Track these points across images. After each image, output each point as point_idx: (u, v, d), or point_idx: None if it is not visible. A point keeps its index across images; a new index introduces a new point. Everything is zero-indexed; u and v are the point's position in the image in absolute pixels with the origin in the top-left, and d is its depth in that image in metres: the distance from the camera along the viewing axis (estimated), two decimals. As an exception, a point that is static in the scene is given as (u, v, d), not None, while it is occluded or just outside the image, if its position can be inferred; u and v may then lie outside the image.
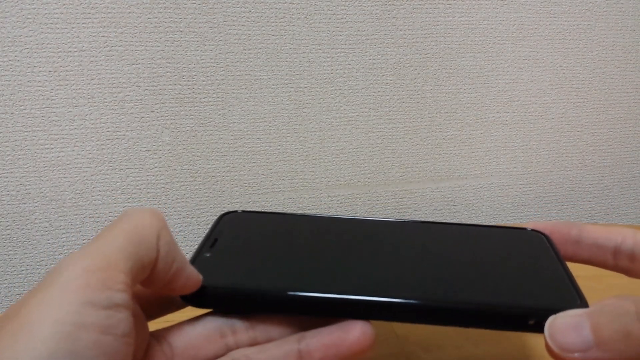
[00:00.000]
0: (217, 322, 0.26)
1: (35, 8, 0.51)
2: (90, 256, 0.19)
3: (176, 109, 0.56)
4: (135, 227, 0.21)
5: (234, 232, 0.33)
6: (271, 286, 0.26)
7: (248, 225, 0.34)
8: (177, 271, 0.23)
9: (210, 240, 0.31)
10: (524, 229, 0.31)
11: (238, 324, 0.26)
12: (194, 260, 0.29)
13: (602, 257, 0.27)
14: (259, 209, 0.35)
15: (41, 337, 0.15)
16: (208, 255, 0.30)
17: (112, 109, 0.55)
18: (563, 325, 0.21)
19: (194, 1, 0.54)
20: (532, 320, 0.23)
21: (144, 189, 0.58)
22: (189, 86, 0.56)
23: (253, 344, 0.25)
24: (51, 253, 0.58)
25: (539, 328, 0.23)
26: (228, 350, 0.25)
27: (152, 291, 0.24)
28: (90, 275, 0.17)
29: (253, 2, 0.55)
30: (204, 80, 0.56)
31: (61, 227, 0.57)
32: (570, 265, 0.30)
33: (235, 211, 0.35)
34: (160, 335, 0.25)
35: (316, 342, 0.23)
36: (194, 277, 0.25)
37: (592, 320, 0.20)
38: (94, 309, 0.17)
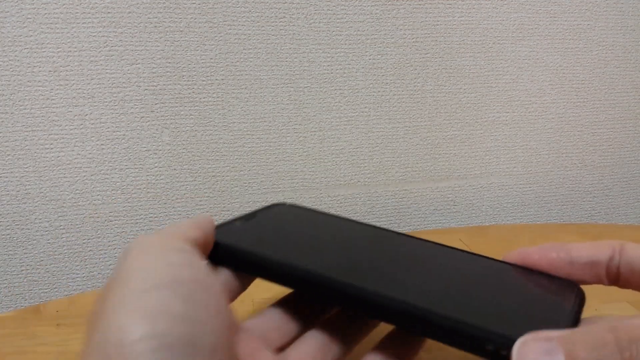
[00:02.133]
0: None
1: (35, 8, 0.51)
2: (157, 233, 0.22)
3: (176, 108, 0.56)
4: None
5: (271, 216, 0.35)
6: (271, 254, 0.28)
7: (288, 215, 0.36)
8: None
9: (247, 217, 0.34)
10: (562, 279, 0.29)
11: None
12: (222, 225, 0.32)
13: (596, 275, 0.27)
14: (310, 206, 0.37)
15: (144, 277, 0.19)
16: (237, 224, 0.32)
17: (112, 108, 0.55)
18: (533, 350, 0.18)
19: (193, 1, 0.54)
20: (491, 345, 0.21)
21: (144, 189, 0.58)
22: (189, 86, 0.56)
23: None
24: (51, 253, 0.58)
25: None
26: None
27: None
28: (163, 236, 0.21)
29: (253, 2, 0.55)
30: (203, 80, 0.56)
31: (61, 227, 0.57)
32: None
33: (284, 203, 0.37)
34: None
35: None
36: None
37: (566, 347, 0.18)
38: (175, 253, 0.20)
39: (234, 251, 0.28)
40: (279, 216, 0.35)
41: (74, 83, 0.54)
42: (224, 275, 0.27)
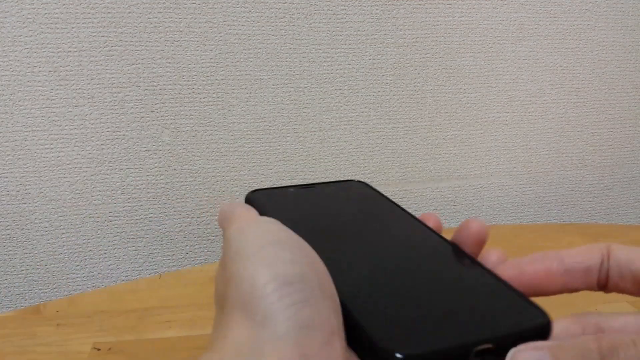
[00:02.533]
0: None
1: (35, 8, 0.51)
2: (244, 213, 0.28)
3: (176, 109, 0.56)
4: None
5: (327, 193, 0.35)
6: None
7: (356, 192, 0.36)
8: None
9: (314, 186, 0.35)
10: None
11: None
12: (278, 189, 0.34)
13: (589, 281, 0.27)
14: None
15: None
16: (292, 190, 0.34)
17: (112, 108, 0.55)
18: (524, 359, 0.20)
19: (193, 1, 0.54)
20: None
21: (144, 189, 0.58)
22: (189, 86, 0.56)
23: None
24: (51, 253, 0.58)
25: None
26: None
27: None
28: (250, 214, 0.28)
29: (253, 2, 0.55)
30: (203, 80, 0.56)
31: (61, 227, 0.57)
32: None
33: (360, 182, 0.38)
34: None
35: None
36: None
37: (554, 355, 0.20)
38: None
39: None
40: (336, 193, 0.35)
41: (74, 83, 0.54)
42: None
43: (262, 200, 0.31)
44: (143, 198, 0.58)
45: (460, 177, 0.67)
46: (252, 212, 0.28)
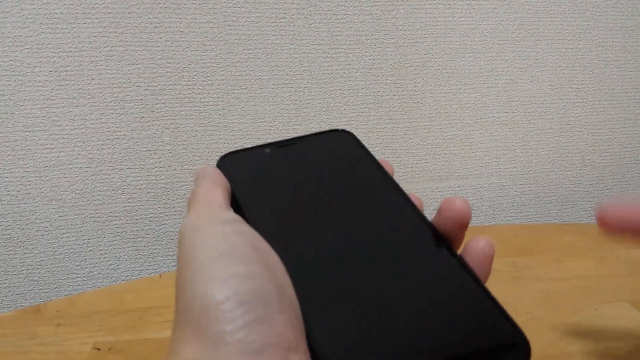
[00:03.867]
0: None
1: (35, 8, 0.51)
2: (202, 210, 0.26)
3: (176, 109, 0.56)
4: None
5: (305, 149, 0.32)
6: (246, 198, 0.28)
7: (327, 148, 0.32)
8: None
9: (281, 144, 0.33)
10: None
11: None
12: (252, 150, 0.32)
13: None
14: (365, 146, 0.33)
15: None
16: (267, 151, 0.32)
17: (113, 109, 0.55)
18: None
19: (194, 1, 0.54)
20: None
21: (144, 189, 0.58)
22: (189, 86, 0.56)
23: None
24: (51, 253, 0.58)
25: None
26: None
27: None
28: (208, 213, 0.25)
29: (253, 2, 0.55)
30: (204, 81, 0.56)
31: (61, 227, 0.57)
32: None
33: (346, 132, 0.34)
34: None
35: None
36: None
37: None
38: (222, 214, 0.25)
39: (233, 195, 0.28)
40: (313, 150, 0.32)
41: (75, 83, 0.54)
42: None
43: (234, 167, 0.30)
44: (143, 198, 0.58)
45: (460, 177, 0.67)
46: (216, 193, 0.27)
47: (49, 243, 0.58)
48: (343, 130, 0.33)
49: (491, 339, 0.21)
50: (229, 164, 0.30)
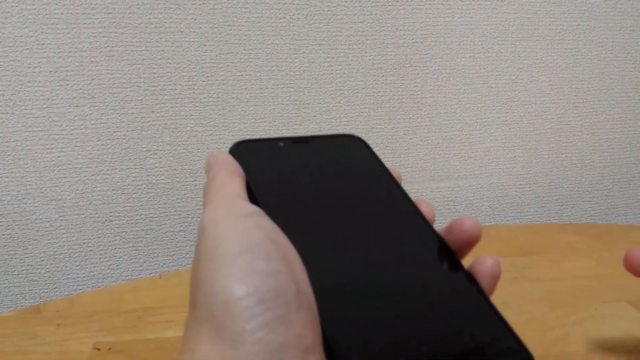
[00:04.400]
0: None
1: (36, 8, 0.51)
2: (223, 203, 0.25)
3: (176, 109, 0.57)
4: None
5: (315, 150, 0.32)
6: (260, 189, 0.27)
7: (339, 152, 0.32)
8: None
9: (297, 140, 0.32)
10: None
11: None
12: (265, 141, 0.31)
13: None
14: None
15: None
16: (282, 144, 0.31)
17: (113, 109, 0.55)
18: None
19: (194, 2, 0.54)
20: None
21: (145, 189, 0.58)
22: (189, 86, 0.56)
23: None
24: (51, 253, 0.58)
25: None
26: None
27: None
28: (229, 206, 0.25)
29: (253, 2, 0.55)
30: (204, 81, 0.56)
31: (61, 227, 0.57)
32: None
33: (357, 138, 0.33)
34: None
35: None
36: None
37: None
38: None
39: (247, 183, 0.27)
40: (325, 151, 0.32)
41: (75, 83, 0.54)
42: None
43: (248, 156, 0.29)
44: (143, 198, 0.58)
45: (459, 177, 0.67)
46: (234, 183, 0.26)
47: (49, 243, 0.58)
48: (356, 137, 0.33)
49: (496, 354, 0.21)
50: (243, 152, 0.29)
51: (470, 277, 0.24)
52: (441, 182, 0.66)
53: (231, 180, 0.26)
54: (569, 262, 0.53)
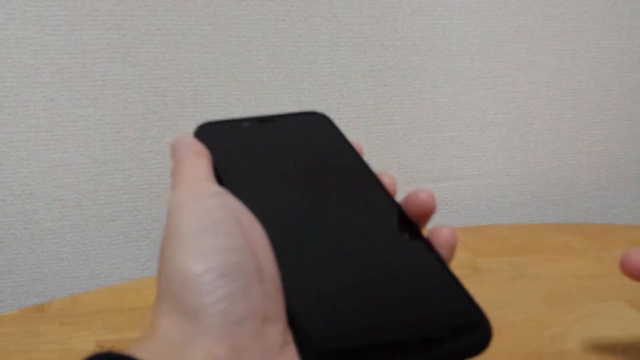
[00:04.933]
0: None
1: (38, 10, 0.52)
2: (188, 184, 0.26)
3: (178, 110, 0.57)
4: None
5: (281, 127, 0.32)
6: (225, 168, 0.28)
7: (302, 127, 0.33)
8: None
9: (262, 120, 0.32)
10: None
11: None
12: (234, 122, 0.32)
13: None
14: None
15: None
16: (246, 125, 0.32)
17: (115, 110, 0.56)
18: None
19: (196, 4, 0.54)
20: None
21: (147, 189, 0.59)
22: (191, 88, 0.57)
23: None
24: (55, 252, 0.58)
25: None
26: None
27: None
28: (194, 186, 0.25)
29: (254, 5, 0.56)
30: (206, 82, 0.57)
31: (65, 227, 0.58)
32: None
33: (321, 115, 0.34)
34: None
35: None
36: None
37: None
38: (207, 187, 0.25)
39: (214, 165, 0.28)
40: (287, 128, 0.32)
41: (78, 85, 0.54)
42: None
43: (213, 138, 0.29)
44: (146, 198, 0.59)
45: (458, 178, 0.67)
46: (200, 165, 0.26)
47: (53, 243, 0.58)
48: (320, 113, 0.34)
49: (454, 319, 0.21)
50: (208, 134, 0.30)
51: (429, 246, 0.25)
52: (439, 182, 0.67)
53: (197, 163, 0.27)
54: (566, 262, 0.54)
